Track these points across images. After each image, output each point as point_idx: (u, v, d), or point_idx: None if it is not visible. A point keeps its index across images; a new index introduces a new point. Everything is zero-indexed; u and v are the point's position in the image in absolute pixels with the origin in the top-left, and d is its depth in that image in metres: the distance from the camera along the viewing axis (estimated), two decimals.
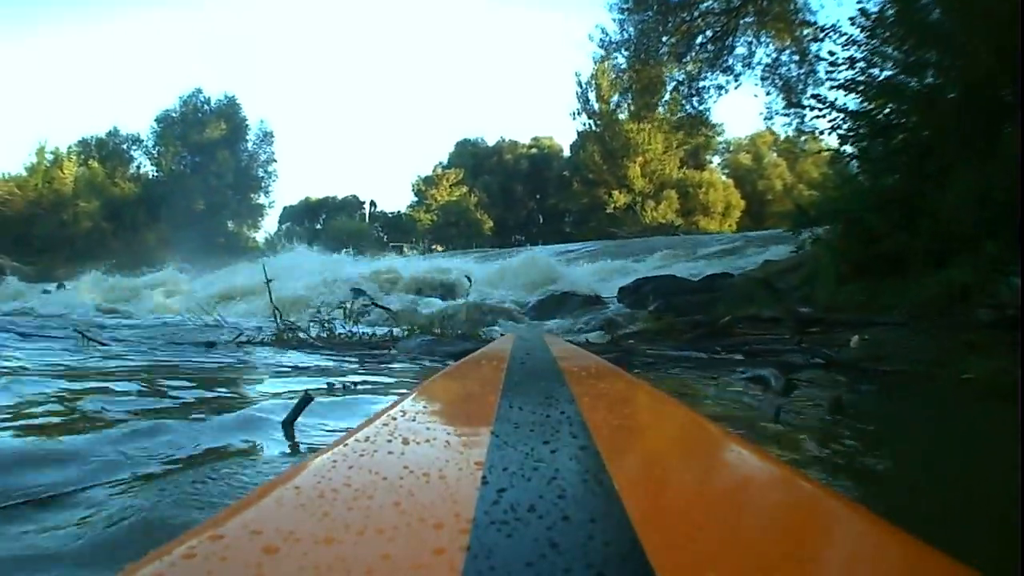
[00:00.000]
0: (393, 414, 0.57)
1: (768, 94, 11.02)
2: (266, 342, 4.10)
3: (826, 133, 5.49)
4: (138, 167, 35.77)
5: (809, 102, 6.00)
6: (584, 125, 34.64)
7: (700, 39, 11.12)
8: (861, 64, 5.09)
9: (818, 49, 9.54)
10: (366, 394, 2.15)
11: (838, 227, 5.20)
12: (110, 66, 61.52)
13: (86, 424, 1.54)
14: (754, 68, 11.07)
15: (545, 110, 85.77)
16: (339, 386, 2.23)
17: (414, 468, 0.40)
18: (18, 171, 32.02)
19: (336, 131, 74.02)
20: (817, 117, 5.47)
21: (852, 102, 5.16)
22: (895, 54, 4.96)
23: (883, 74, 5.04)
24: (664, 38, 11.12)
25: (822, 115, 5.31)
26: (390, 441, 0.47)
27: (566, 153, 38.16)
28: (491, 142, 40.55)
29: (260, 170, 37.42)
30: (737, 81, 11.24)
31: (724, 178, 35.99)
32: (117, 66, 62.08)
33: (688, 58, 11.33)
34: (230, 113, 36.15)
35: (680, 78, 11.81)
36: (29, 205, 30.67)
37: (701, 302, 5.54)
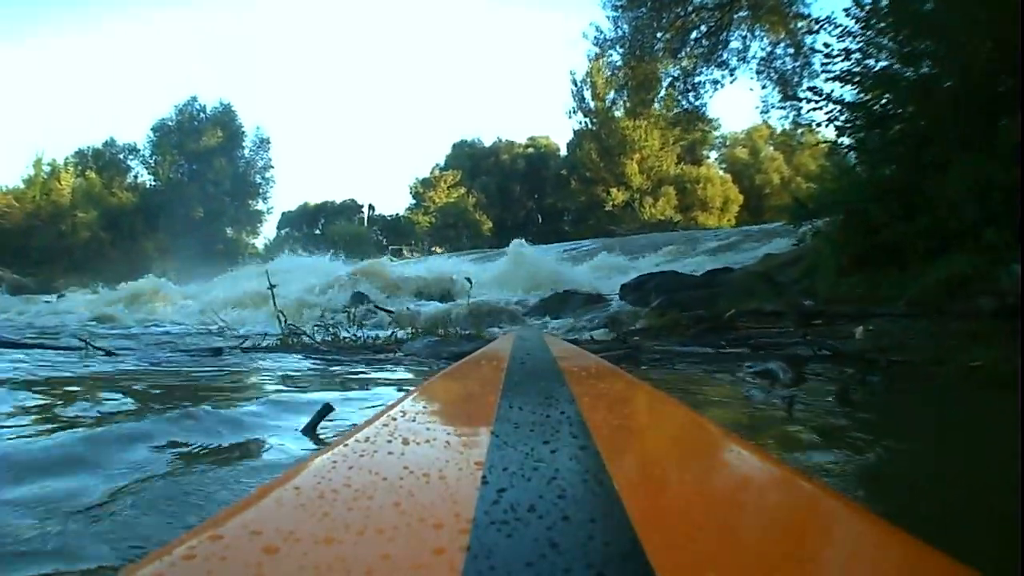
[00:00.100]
0: (393, 414, 0.57)
1: (764, 88, 11.05)
2: (272, 347, 4.10)
3: (823, 125, 5.48)
4: (135, 177, 35.83)
5: (805, 94, 6.00)
6: (580, 123, 34.72)
7: (694, 34, 11.13)
8: (856, 55, 5.08)
9: (813, 41, 9.60)
10: (380, 397, 2.14)
11: (837, 219, 5.20)
12: (105, 77, 61.68)
13: (96, 431, 1.54)
14: (749, 62, 11.09)
15: (541, 109, 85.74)
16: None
17: (414, 468, 0.40)
18: (16, 183, 32.14)
19: (333, 135, 74.12)
20: (814, 109, 5.47)
21: (848, 94, 5.16)
22: (890, 44, 4.96)
23: (879, 65, 5.04)
24: (659, 34, 11.13)
25: (819, 107, 5.31)
26: (390, 441, 0.47)
27: (563, 152, 38.15)
28: (488, 143, 40.58)
29: (258, 176, 37.48)
30: (732, 75, 11.26)
31: (721, 173, 35.99)
32: (112, 76, 62.18)
33: (683, 53, 11.33)
34: (226, 120, 36.17)
35: (675, 74, 11.83)
36: (27, 217, 30.70)
37: (703, 297, 5.54)
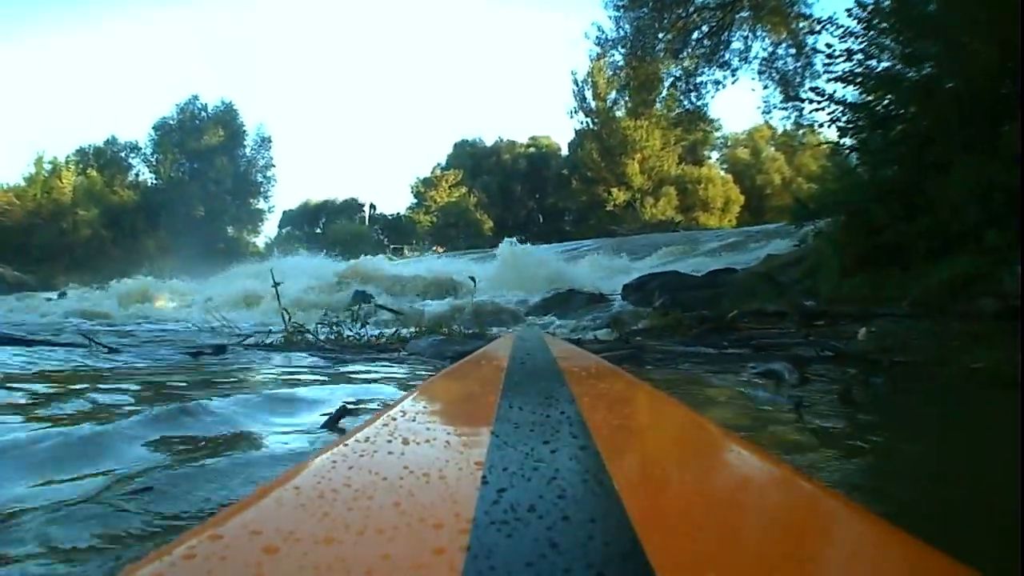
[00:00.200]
0: (393, 414, 0.57)
1: (765, 88, 11.05)
2: (275, 345, 4.09)
3: (825, 126, 5.47)
4: (136, 175, 35.85)
5: (807, 95, 5.99)
6: (581, 123, 34.71)
7: (696, 34, 11.12)
8: (859, 56, 5.07)
9: (814, 42, 9.59)
10: (385, 396, 2.13)
11: (839, 220, 5.19)
12: (106, 75, 61.84)
13: (102, 427, 1.53)
14: (751, 62, 11.09)
15: (542, 109, 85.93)
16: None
17: (414, 468, 0.40)
18: (16, 181, 32.15)
19: (334, 134, 74.27)
20: (816, 110, 5.46)
21: (850, 94, 5.15)
22: (892, 45, 4.95)
23: (881, 66, 5.03)
24: (660, 34, 11.13)
25: (821, 108, 5.30)
26: (390, 441, 0.47)
27: (564, 152, 38.16)
28: (489, 142, 40.61)
29: (259, 175, 37.49)
30: (734, 76, 11.26)
31: (723, 173, 35.99)
32: (113, 75, 62.35)
33: (685, 54, 11.33)
34: (228, 119, 36.19)
35: (677, 74, 11.83)
36: (28, 215, 30.72)
37: (706, 297, 5.53)
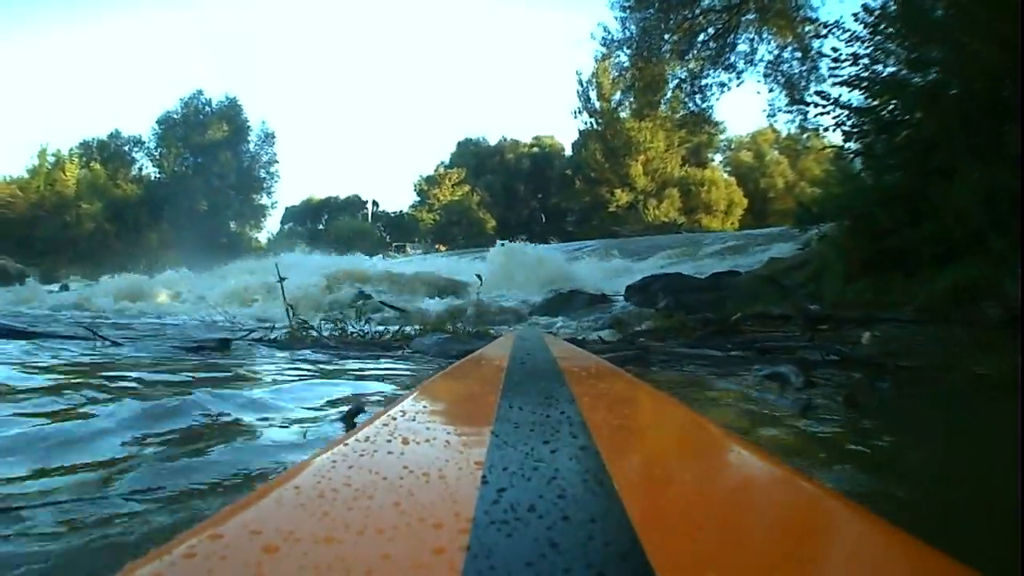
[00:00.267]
0: (393, 414, 0.57)
1: (771, 91, 11.02)
2: (279, 341, 4.09)
3: (830, 130, 5.46)
4: (140, 169, 35.98)
5: (813, 99, 5.98)
6: (586, 124, 34.70)
7: (702, 36, 11.10)
8: (865, 60, 5.07)
9: (820, 46, 9.56)
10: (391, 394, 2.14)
11: (843, 224, 5.18)
12: (111, 68, 61.99)
13: (107, 420, 1.53)
14: (756, 65, 11.06)
15: (546, 109, 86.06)
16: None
17: (414, 468, 0.40)
18: (20, 173, 32.24)
19: (338, 131, 74.40)
20: (821, 114, 5.45)
21: (856, 99, 5.15)
22: (898, 50, 4.94)
23: (887, 70, 5.02)
24: (666, 35, 11.11)
25: (826, 112, 5.29)
26: (390, 441, 0.47)
27: (568, 152, 38.17)
28: (493, 141, 40.65)
29: (262, 171, 37.59)
30: (739, 78, 11.23)
31: (726, 176, 35.97)
32: (118, 68, 62.49)
33: (690, 55, 11.31)
34: (232, 114, 36.27)
35: (682, 76, 11.80)
36: (31, 207, 30.80)
37: (709, 300, 5.52)
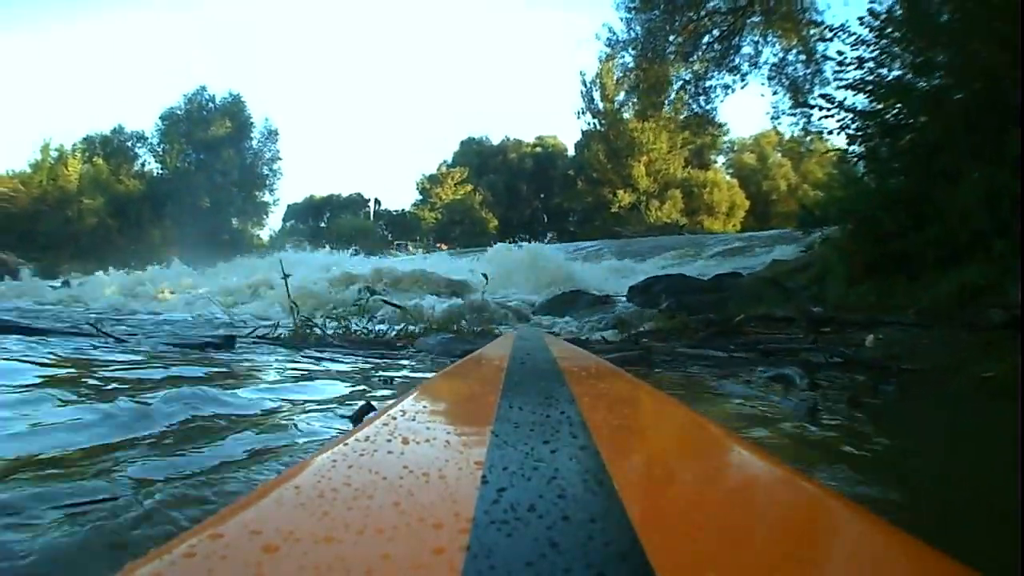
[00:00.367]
0: (393, 414, 0.57)
1: (775, 94, 11.02)
2: (283, 339, 4.08)
3: (834, 133, 5.47)
4: (143, 164, 35.96)
5: (817, 102, 5.97)
6: (589, 124, 34.66)
7: (707, 38, 11.11)
8: (870, 64, 5.06)
9: (825, 49, 9.56)
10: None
11: (846, 227, 5.18)
12: (114, 64, 62.16)
13: (114, 418, 1.52)
14: (760, 68, 11.07)
15: (550, 109, 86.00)
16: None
17: (414, 468, 0.40)
18: (23, 168, 32.24)
19: (341, 129, 74.43)
20: (825, 117, 5.45)
21: (860, 102, 5.14)
22: (904, 54, 4.93)
23: (892, 74, 5.01)
24: (671, 37, 11.11)
25: (830, 115, 5.28)
26: (390, 441, 0.47)
27: (571, 152, 38.16)
28: (496, 141, 40.65)
29: (265, 168, 37.58)
30: (743, 81, 11.24)
31: (728, 178, 35.93)
32: (122, 64, 62.60)
33: (695, 57, 11.31)
34: (235, 111, 36.28)
35: (687, 77, 11.81)
36: (34, 202, 30.80)
37: (712, 301, 5.52)
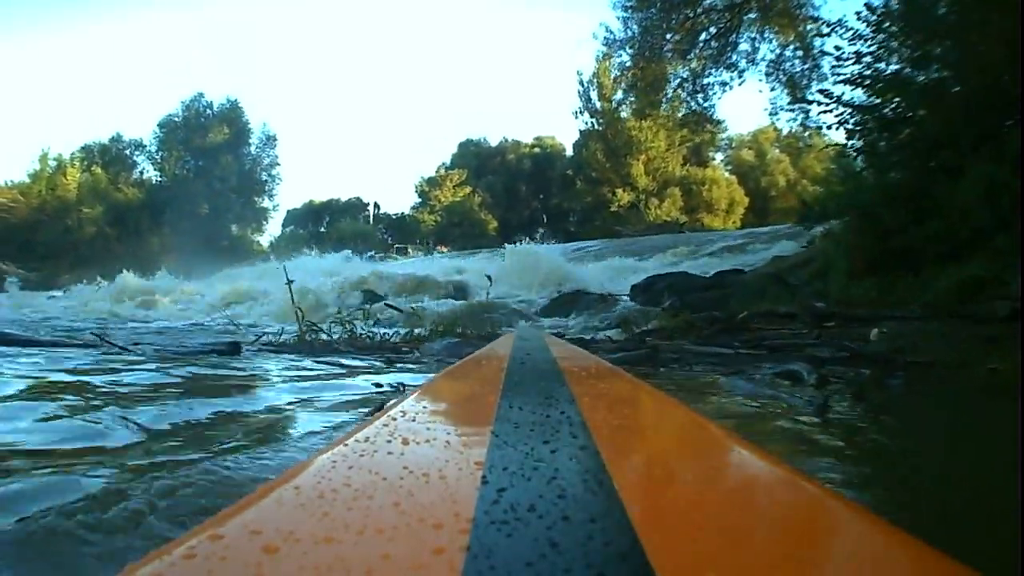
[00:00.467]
0: (393, 414, 0.57)
1: (773, 90, 11.02)
2: (288, 344, 4.07)
3: (832, 128, 5.46)
4: (141, 172, 36.06)
5: (816, 97, 5.98)
6: (587, 124, 34.68)
7: (704, 36, 11.10)
8: (868, 59, 5.06)
9: (822, 44, 9.54)
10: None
11: (847, 222, 5.18)
12: (112, 72, 62.16)
13: (124, 426, 1.53)
14: (758, 64, 11.07)
15: (547, 110, 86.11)
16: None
17: (414, 468, 0.40)
18: (21, 178, 32.30)
19: (339, 134, 74.55)
20: (823, 112, 5.45)
21: (858, 97, 5.14)
22: (902, 48, 4.93)
23: (890, 68, 5.01)
24: (668, 35, 11.11)
25: (828, 110, 5.29)
26: (390, 441, 0.47)
27: (569, 152, 38.16)
28: (494, 142, 40.66)
29: (263, 173, 37.61)
30: (741, 77, 11.25)
31: (727, 175, 35.91)
32: (119, 72, 62.72)
33: (692, 55, 11.31)
34: (233, 117, 36.31)
35: (684, 75, 11.81)
36: (33, 212, 30.84)
37: (714, 298, 5.52)
